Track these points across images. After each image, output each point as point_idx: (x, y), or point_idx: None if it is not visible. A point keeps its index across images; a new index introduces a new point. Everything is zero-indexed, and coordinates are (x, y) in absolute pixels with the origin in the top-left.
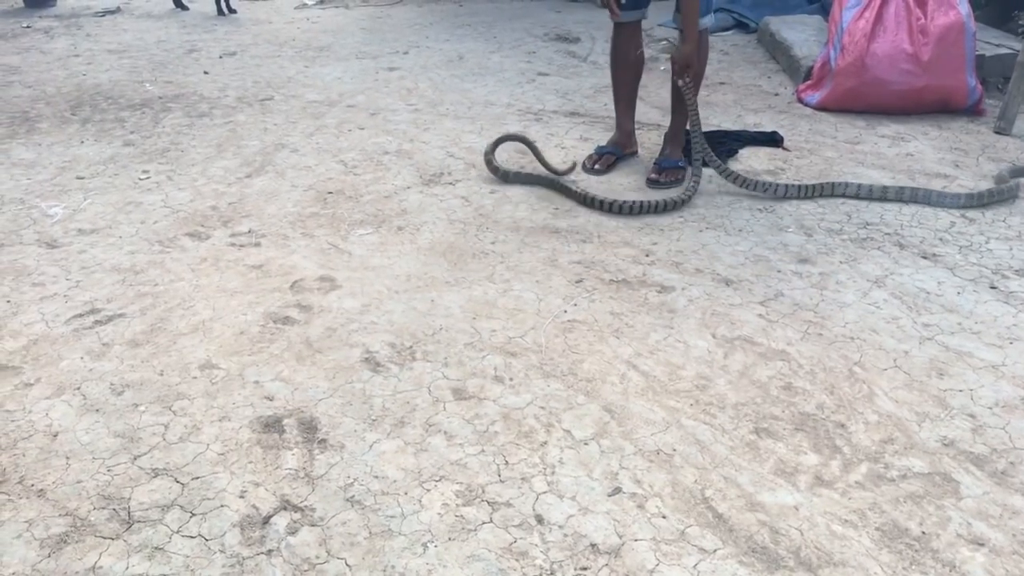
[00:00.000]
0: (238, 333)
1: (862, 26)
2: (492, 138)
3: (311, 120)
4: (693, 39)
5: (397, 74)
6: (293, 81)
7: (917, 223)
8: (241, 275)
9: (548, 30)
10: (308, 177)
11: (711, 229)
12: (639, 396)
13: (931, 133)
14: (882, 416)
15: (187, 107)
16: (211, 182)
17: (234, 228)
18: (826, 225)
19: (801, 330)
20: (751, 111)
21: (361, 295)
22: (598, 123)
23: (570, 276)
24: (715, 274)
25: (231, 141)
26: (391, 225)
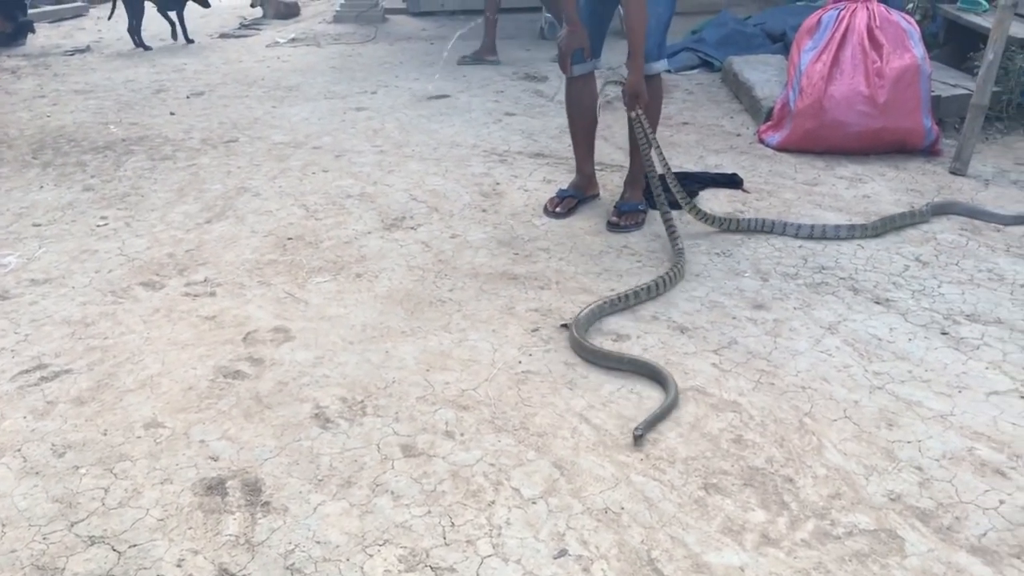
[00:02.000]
0: (186, 389)
1: (819, 69)
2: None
3: (276, 162)
4: (638, 68)
5: (364, 114)
6: (260, 122)
7: (872, 267)
8: (194, 327)
9: (517, 69)
10: (269, 222)
11: None
12: (590, 451)
13: (888, 174)
14: (830, 470)
15: (150, 150)
16: (170, 228)
17: (190, 277)
18: (782, 269)
19: (754, 379)
20: (713, 152)
21: (315, 347)
22: (562, 164)
23: (526, 325)
24: (671, 321)
25: (193, 185)
26: (350, 272)
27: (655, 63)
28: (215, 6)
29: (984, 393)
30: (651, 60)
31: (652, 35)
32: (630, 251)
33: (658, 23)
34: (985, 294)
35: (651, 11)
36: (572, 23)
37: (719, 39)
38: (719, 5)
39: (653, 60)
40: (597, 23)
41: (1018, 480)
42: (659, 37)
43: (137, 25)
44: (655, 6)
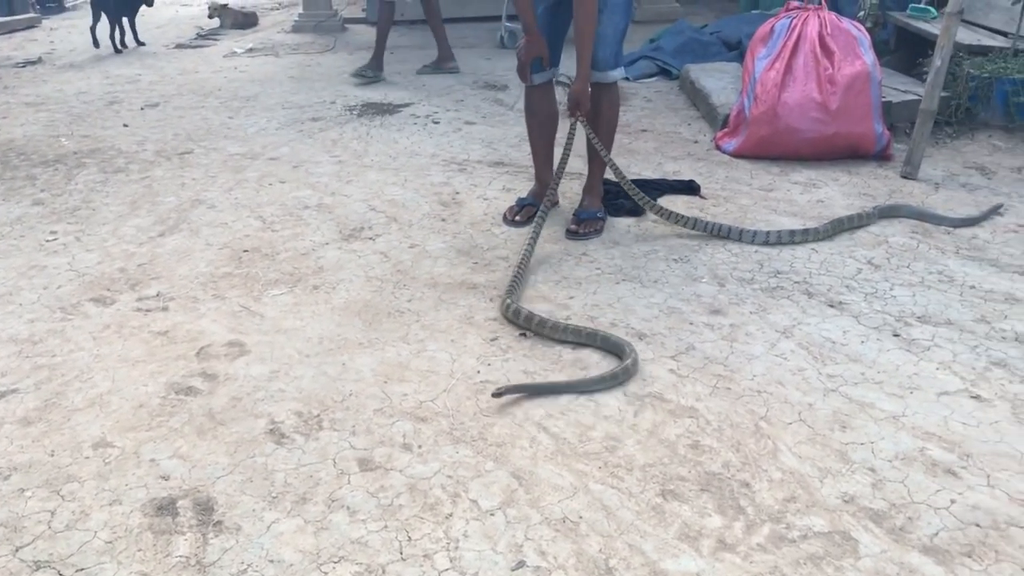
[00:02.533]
0: (137, 407)
1: (773, 76)
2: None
3: (231, 174)
4: (584, 76)
5: (322, 124)
6: (215, 133)
7: (826, 271)
8: (145, 343)
9: (477, 77)
10: (224, 234)
11: (627, 281)
12: (548, 460)
13: (841, 179)
14: (785, 473)
15: (103, 162)
16: (122, 242)
17: (141, 292)
18: (738, 274)
19: (711, 385)
20: (671, 159)
21: (271, 360)
22: (521, 173)
23: (485, 334)
24: (629, 328)
25: (146, 198)
26: (307, 284)
27: (612, 71)
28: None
29: (935, 393)
30: (608, 68)
31: (609, 44)
32: (589, 259)
33: (615, 32)
34: (936, 296)
35: (607, 20)
36: (530, 32)
37: (676, 47)
38: (676, 14)
39: (610, 68)
40: (555, 32)
41: (968, 479)
42: (615, 46)
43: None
44: (611, 15)
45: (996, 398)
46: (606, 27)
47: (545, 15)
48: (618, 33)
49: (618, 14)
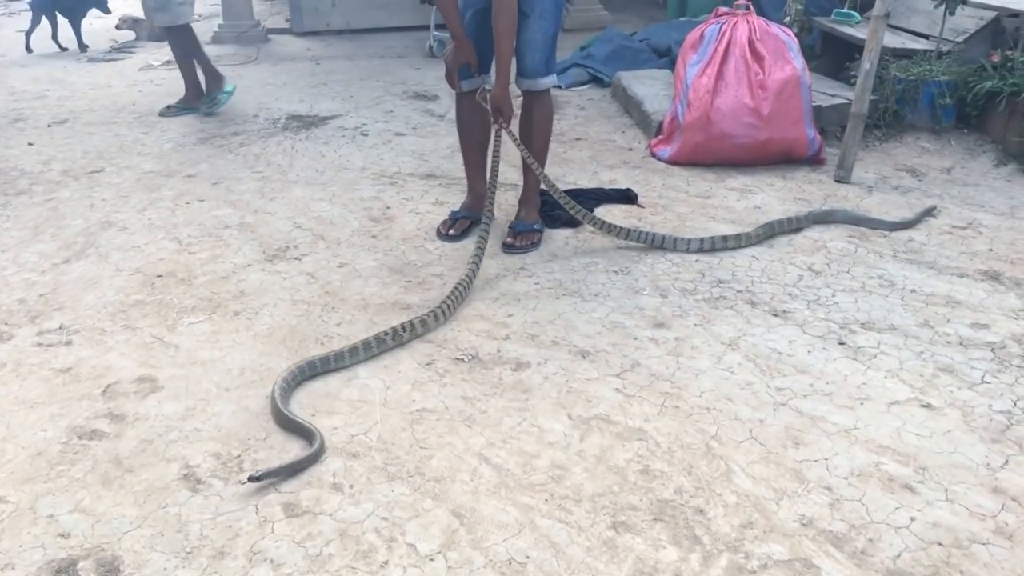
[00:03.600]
0: (34, 455)
1: (705, 82)
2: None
3: (145, 193)
4: (503, 81)
5: (243, 138)
6: (128, 150)
7: (767, 278)
8: (45, 381)
9: (407, 88)
10: (136, 259)
11: (568, 296)
12: (491, 495)
13: (776, 184)
14: (740, 496)
15: (3, 184)
16: (22, 270)
17: (42, 324)
18: (680, 285)
19: (658, 403)
20: (607, 167)
21: (185, 396)
22: (454, 185)
23: (420, 358)
24: (572, 346)
25: (51, 221)
26: (227, 310)
27: (543, 78)
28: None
29: (885, 404)
30: (539, 75)
31: (538, 50)
32: (527, 273)
33: (544, 37)
34: (878, 301)
35: (535, 25)
36: (457, 38)
37: (607, 55)
38: (605, 21)
39: (541, 75)
40: (484, 38)
41: (925, 494)
42: (546, 52)
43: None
44: (539, 20)
45: (946, 406)
46: (535, 32)
47: (473, 20)
48: (548, 39)
49: (547, 19)
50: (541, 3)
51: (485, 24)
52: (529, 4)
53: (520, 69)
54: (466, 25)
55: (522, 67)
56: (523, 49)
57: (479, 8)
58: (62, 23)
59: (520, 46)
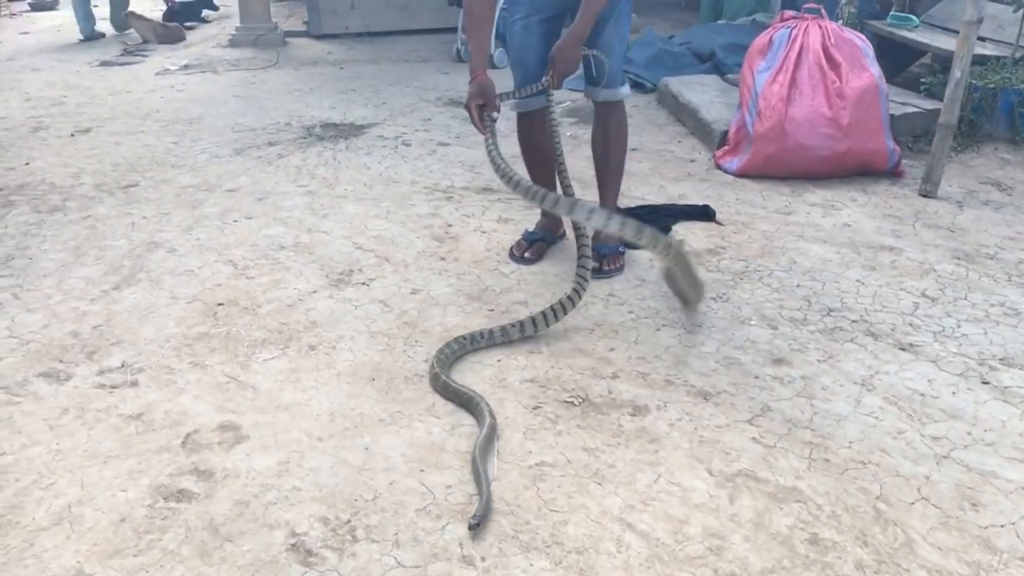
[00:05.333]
0: (118, 522)
1: (777, 90)
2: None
3: (188, 210)
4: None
5: (280, 148)
6: (161, 162)
7: (880, 306)
8: (116, 430)
9: (440, 94)
10: (191, 285)
11: (669, 327)
12: (646, 570)
13: (859, 199)
14: (932, 573)
15: (35, 200)
16: (69, 298)
17: (102, 362)
18: (788, 314)
19: (804, 456)
20: (671, 180)
21: (276, 448)
22: (514, 200)
23: (525, 401)
24: (689, 386)
25: (91, 241)
26: (300, 344)
27: (622, 88)
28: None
29: None
30: (616, 84)
31: (618, 58)
32: (618, 300)
33: (622, 44)
34: (1009, 333)
35: (614, 31)
36: (476, 69)
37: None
38: (635, 24)
39: (619, 84)
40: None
41: None
42: (623, 60)
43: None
44: (618, 26)
45: None
46: (612, 38)
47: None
48: (623, 46)
49: (623, 24)
50: (620, 7)
51: (553, 34)
52: (608, 7)
53: (595, 78)
54: (520, 36)
55: (598, 76)
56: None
57: (546, 16)
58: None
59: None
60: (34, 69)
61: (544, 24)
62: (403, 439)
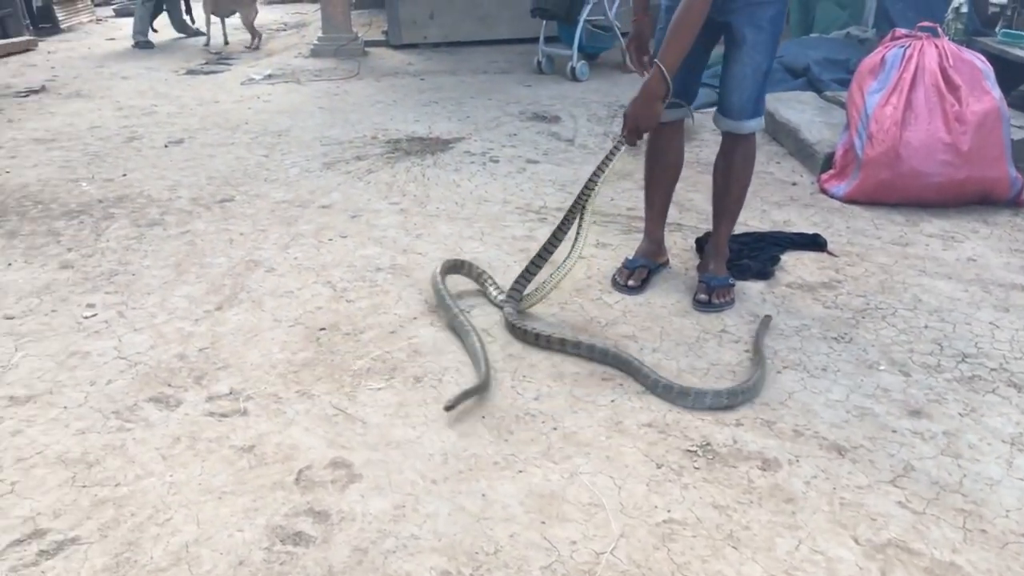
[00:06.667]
0: (236, 564)
1: (890, 113)
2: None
3: (283, 227)
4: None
5: (369, 163)
6: (254, 176)
7: (1020, 353)
8: (229, 463)
9: (523, 107)
10: (292, 307)
11: (790, 369)
12: None
13: (981, 231)
14: None
15: (134, 212)
16: (174, 318)
17: (211, 387)
18: (919, 359)
19: (958, 525)
20: (774, 204)
21: (390, 489)
22: (611, 223)
23: (644, 447)
24: (820, 438)
25: (192, 258)
26: (406, 375)
27: (750, 120)
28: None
29: None
30: (744, 117)
31: (746, 88)
32: (732, 337)
33: (755, 73)
34: None
35: (747, 58)
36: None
37: None
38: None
39: (747, 117)
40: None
41: None
42: (755, 91)
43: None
44: (752, 52)
45: None
46: (744, 67)
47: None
48: (759, 75)
49: (761, 52)
50: (755, 33)
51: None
52: (740, 32)
53: (723, 107)
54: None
55: (726, 105)
56: (729, 84)
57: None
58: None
59: (726, 81)
60: (123, 77)
61: None
62: (520, 486)
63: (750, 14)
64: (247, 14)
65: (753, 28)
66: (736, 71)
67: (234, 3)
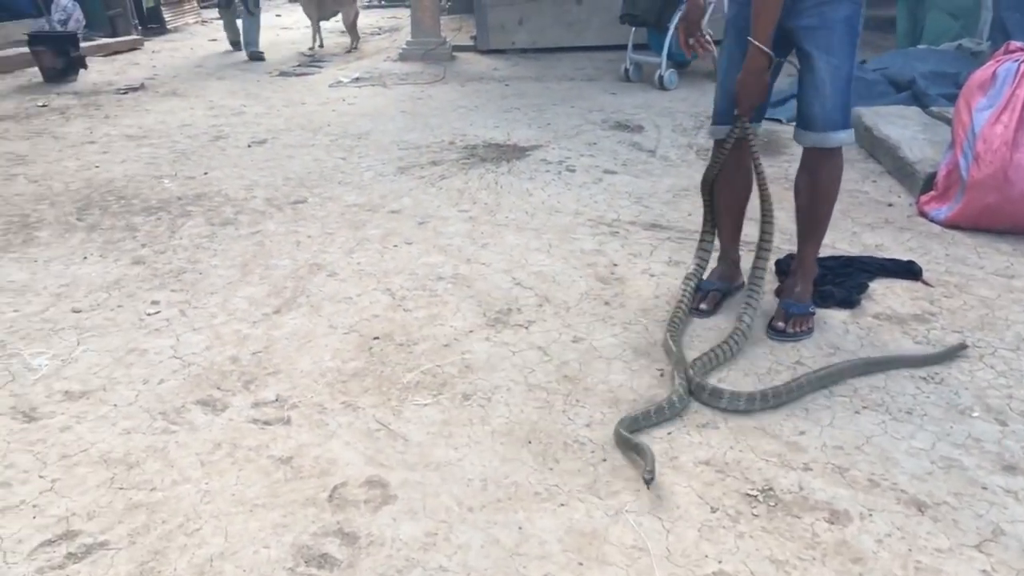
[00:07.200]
0: None
1: (1000, 132)
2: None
3: (351, 231)
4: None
5: (443, 169)
6: (329, 178)
7: None
8: (265, 474)
9: (606, 115)
10: (349, 313)
11: (870, 410)
12: None
13: None
14: None
15: (209, 211)
16: (232, 319)
17: (258, 393)
18: (1019, 407)
19: None
20: (866, 227)
21: (423, 514)
22: (686, 240)
23: (700, 488)
24: (898, 490)
25: (258, 259)
26: (454, 392)
27: (836, 132)
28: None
29: None
30: (828, 128)
31: (828, 96)
32: (807, 370)
33: (835, 79)
34: None
35: (824, 65)
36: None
37: None
38: None
39: (831, 128)
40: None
41: None
42: (839, 98)
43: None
44: (829, 58)
45: None
46: (822, 73)
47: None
48: (839, 80)
49: (838, 56)
50: (826, 36)
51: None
52: (811, 38)
53: (804, 120)
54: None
55: (807, 117)
56: (808, 95)
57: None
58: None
59: (803, 92)
60: (219, 78)
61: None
62: (560, 521)
63: (820, 14)
64: (348, 14)
65: (825, 30)
66: (812, 79)
67: (337, 4)
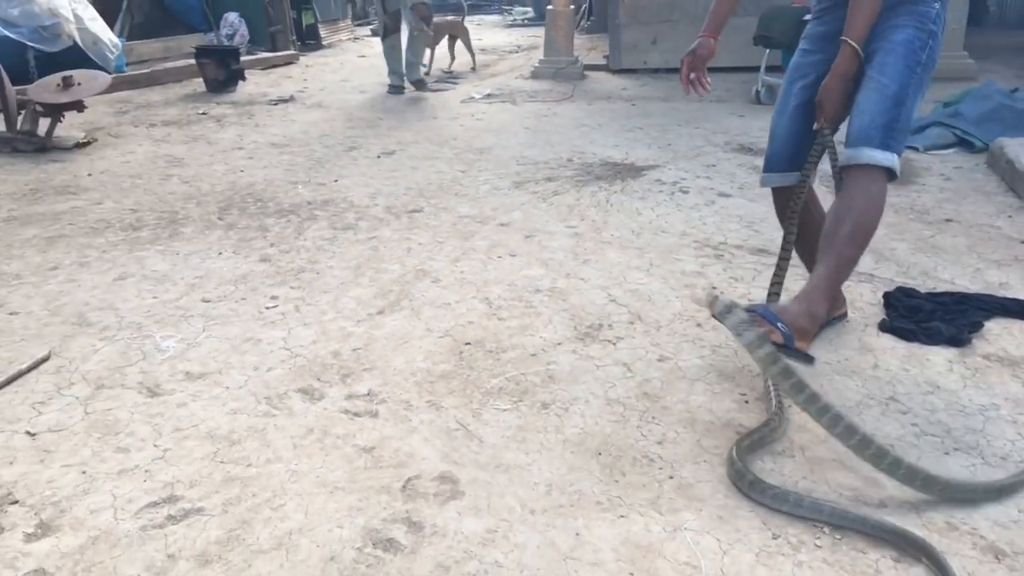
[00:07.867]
0: (327, 559)
1: None
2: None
3: (459, 240)
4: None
5: (557, 185)
6: (446, 190)
7: None
8: (348, 461)
9: (729, 138)
10: (446, 318)
11: (961, 452)
12: None
13: None
14: None
15: (333, 216)
16: (340, 317)
17: (352, 386)
18: None
19: None
20: (992, 263)
21: (487, 512)
22: (792, 267)
23: (764, 513)
24: (977, 536)
25: (371, 263)
26: (534, 399)
27: (869, 150)
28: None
29: None
30: (863, 144)
31: (872, 113)
32: (900, 407)
33: (881, 98)
34: None
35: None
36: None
37: (981, 114)
38: (970, 71)
39: (866, 145)
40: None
41: None
42: (882, 117)
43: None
44: (879, 76)
45: None
46: (869, 91)
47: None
48: (886, 99)
49: (888, 75)
50: (883, 56)
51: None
52: (872, 59)
53: (846, 137)
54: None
55: (847, 133)
56: (852, 112)
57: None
58: None
59: (852, 112)
60: (361, 91)
61: (806, 91)
62: (618, 531)
63: (880, 34)
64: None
65: (883, 51)
66: (859, 97)
67: (450, 27)
